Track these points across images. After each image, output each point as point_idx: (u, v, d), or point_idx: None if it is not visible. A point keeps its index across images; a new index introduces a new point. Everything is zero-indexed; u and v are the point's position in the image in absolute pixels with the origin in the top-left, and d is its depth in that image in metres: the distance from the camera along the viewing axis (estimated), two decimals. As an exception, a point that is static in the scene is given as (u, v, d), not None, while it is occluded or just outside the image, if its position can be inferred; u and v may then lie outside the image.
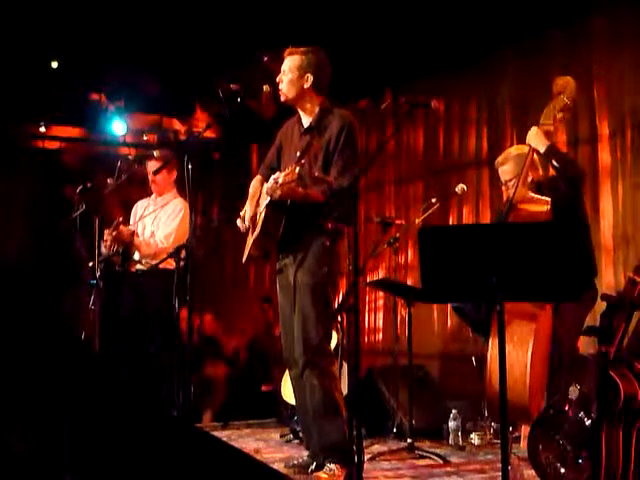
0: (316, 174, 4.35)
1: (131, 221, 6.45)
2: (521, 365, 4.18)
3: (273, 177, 4.28)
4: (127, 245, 6.13)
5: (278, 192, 4.27)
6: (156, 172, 6.14)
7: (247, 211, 4.72)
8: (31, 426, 2.10)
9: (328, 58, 4.65)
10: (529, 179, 4.92)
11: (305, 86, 4.57)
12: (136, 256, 6.17)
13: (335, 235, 4.45)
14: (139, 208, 6.52)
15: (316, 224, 4.45)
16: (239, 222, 4.76)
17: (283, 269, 4.63)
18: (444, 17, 6.86)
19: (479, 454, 5.34)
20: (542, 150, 4.77)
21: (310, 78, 4.56)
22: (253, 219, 4.66)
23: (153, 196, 6.52)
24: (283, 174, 4.18)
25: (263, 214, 4.47)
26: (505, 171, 5.06)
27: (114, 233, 6.04)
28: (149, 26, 7.26)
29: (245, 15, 7.02)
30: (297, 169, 4.14)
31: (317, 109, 4.60)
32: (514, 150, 5.20)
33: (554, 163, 4.79)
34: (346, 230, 4.47)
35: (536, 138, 4.78)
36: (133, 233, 6.18)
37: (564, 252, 3.12)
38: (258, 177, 4.85)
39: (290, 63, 4.59)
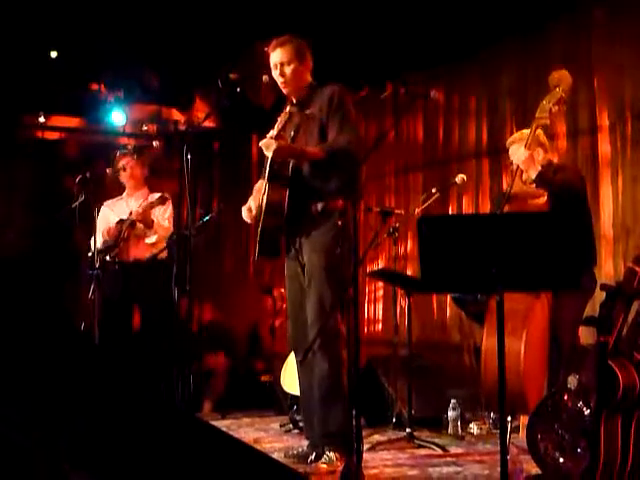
0: (307, 112, 4.42)
1: (112, 219, 6.37)
2: (514, 354, 4.19)
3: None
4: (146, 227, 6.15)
5: (274, 145, 4.29)
6: (138, 158, 6.15)
7: (252, 203, 4.68)
8: (30, 416, 2.10)
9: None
10: (539, 158, 4.89)
11: (308, 68, 4.60)
12: (150, 239, 6.18)
13: (345, 214, 4.39)
14: (115, 207, 6.44)
15: (323, 202, 4.42)
16: (244, 212, 4.71)
17: (293, 252, 4.58)
18: (445, 8, 6.84)
19: (478, 444, 5.36)
20: (533, 176, 4.71)
21: (310, 61, 4.61)
22: (258, 217, 4.60)
23: (125, 194, 6.47)
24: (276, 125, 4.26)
25: (266, 192, 4.44)
26: (515, 151, 5.03)
27: (150, 211, 6.05)
28: (148, 16, 7.24)
29: (244, 4, 7.00)
30: (288, 108, 4.19)
31: (305, 87, 4.62)
32: (526, 132, 5.15)
33: (549, 188, 4.72)
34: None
35: (526, 162, 4.71)
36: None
37: (563, 241, 3.13)
38: (261, 180, 4.83)
39: (285, 53, 4.56)
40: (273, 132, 4.41)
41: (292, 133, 4.50)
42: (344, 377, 4.45)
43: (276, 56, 4.57)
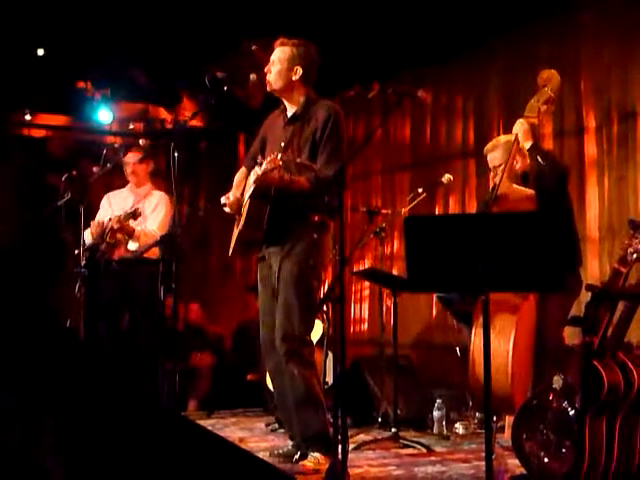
0: (298, 160, 4.36)
1: (104, 212, 6.37)
2: (503, 355, 4.20)
3: (257, 167, 4.29)
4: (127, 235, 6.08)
5: (260, 179, 4.30)
6: (141, 160, 6.12)
7: (232, 197, 4.70)
8: (11, 412, 2.09)
9: (318, 51, 4.66)
10: (517, 166, 4.93)
11: (293, 78, 4.58)
12: (132, 246, 6.14)
13: (322, 228, 4.47)
14: (113, 199, 6.44)
15: (302, 215, 4.45)
16: (224, 201, 4.72)
17: (266, 257, 4.61)
18: (432, 8, 6.85)
19: (463, 443, 5.36)
20: (527, 147, 4.82)
21: (299, 71, 4.57)
22: (238, 211, 4.64)
23: (128, 187, 6.48)
24: (266, 162, 4.20)
25: (247, 204, 4.46)
26: (494, 157, 5.07)
27: (125, 223, 5.99)
28: (136, 14, 7.22)
29: (233, 3, 6.99)
30: (279, 155, 4.16)
31: (302, 99, 4.60)
32: (503, 137, 5.22)
33: (539, 160, 4.82)
34: (332, 223, 4.49)
35: (524, 134, 4.82)
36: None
37: (548, 242, 3.13)
38: (243, 169, 4.86)
39: (280, 54, 4.58)
40: (263, 164, 4.27)
41: (282, 144, 4.51)
42: (314, 380, 4.50)
43: (273, 53, 4.62)
